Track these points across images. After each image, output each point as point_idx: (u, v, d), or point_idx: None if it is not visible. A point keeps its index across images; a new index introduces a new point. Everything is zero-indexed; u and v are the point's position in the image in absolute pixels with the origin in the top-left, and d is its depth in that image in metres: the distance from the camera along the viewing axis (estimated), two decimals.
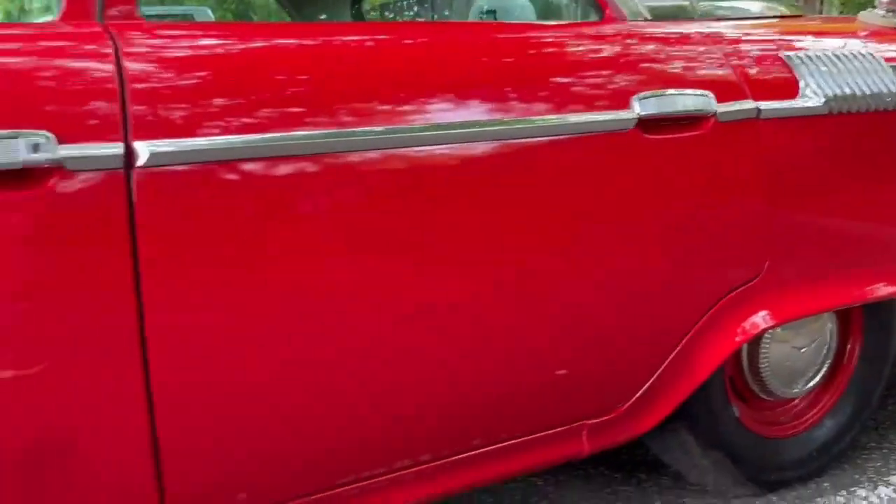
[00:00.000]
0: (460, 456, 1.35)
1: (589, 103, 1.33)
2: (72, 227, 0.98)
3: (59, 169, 0.95)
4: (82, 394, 1.03)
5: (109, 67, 1.00)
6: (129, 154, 0.98)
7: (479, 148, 1.23)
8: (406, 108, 1.18)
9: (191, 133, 1.02)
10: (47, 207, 0.96)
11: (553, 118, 1.28)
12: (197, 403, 1.10)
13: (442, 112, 1.21)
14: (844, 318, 1.80)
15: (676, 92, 1.40)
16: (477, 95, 1.25)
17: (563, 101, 1.31)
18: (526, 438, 1.41)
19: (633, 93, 1.36)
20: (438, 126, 1.19)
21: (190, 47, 1.11)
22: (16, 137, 0.93)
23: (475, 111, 1.23)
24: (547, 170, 1.29)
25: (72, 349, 1.01)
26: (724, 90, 1.45)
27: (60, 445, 1.04)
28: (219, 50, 1.13)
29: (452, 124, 1.20)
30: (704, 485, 1.79)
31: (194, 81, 1.05)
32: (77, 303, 0.99)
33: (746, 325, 1.53)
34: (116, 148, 0.98)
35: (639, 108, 1.35)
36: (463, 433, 1.35)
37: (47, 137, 0.94)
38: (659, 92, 1.38)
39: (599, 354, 1.42)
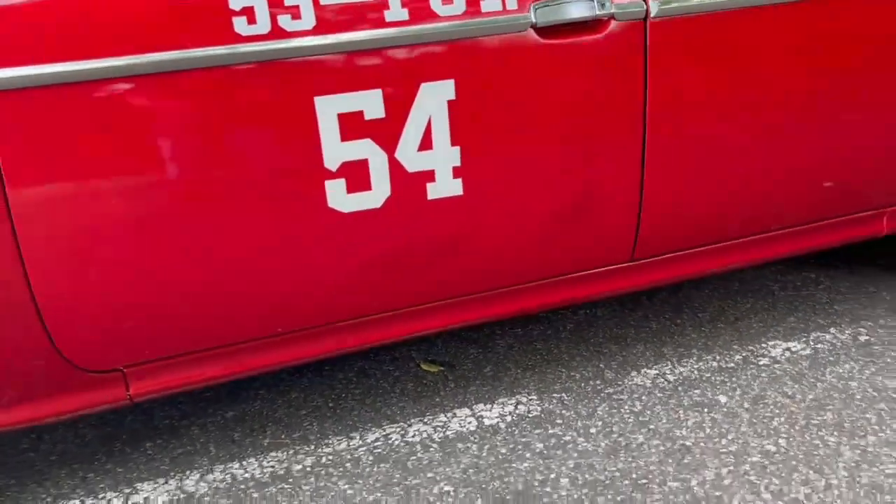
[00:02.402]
0: (797, 228, 1.97)
1: None
2: (613, 56, 1.60)
3: (611, 20, 1.58)
4: (602, 159, 1.68)
5: None
6: (647, 9, 1.59)
7: None
8: None
9: None
10: (602, 45, 1.59)
11: None
12: (672, 173, 1.73)
13: None
14: None
15: None
16: None
17: None
18: (840, 219, 2.01)
19: None
20: None
21: None
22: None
23: None
24: None
25: (598, 128, 1.65)
26: None
27: (592, 194, 1.70)
28: None
29: None
30: None
31: None
32: (612, 101, 1.63)
33: None
34: (640, 5, 1.59)
35: None
36: (805, 210, 1.96)
37: None
38: None
39: None
